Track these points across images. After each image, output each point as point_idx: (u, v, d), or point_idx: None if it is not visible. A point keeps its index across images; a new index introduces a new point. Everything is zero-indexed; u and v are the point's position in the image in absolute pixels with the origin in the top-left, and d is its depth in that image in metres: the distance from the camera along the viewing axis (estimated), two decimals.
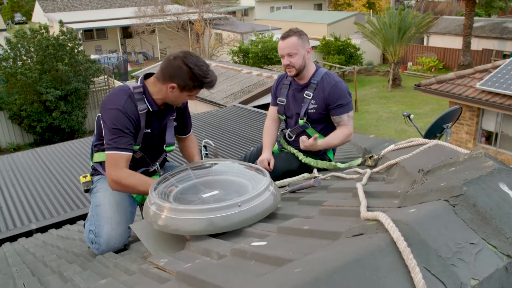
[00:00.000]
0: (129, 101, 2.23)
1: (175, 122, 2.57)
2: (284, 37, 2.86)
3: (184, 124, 2.68)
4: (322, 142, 2.78)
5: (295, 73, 2.87)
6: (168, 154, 2.78)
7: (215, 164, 1.97)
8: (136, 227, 1.78)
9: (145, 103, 2.29)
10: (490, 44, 21.66)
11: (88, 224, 2.39)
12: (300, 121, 2.95)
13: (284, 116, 3.11)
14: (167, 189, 1.88)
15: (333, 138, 2.84)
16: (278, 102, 3.12)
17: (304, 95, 2.93)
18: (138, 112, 2.27)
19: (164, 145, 2.51)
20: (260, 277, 0.91)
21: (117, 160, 2.22)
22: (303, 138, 2.71)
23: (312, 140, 2.67)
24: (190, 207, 1.66)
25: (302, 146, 2.72)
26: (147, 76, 2.37)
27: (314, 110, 2.90)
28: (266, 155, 2.98)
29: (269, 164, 2.95)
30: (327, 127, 2.98)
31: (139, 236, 1.75)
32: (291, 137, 3.07)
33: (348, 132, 2.86)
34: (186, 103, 2.62)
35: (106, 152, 2.24)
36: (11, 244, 3.62)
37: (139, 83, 2.32)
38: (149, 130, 2.37)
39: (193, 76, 2.19)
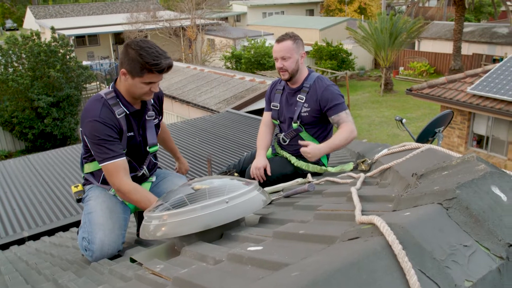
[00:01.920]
0: (104, 109, 2.21)
1: (156, 120, 2.54)
2: (279, 40, 2.89)
3: (161, 118, 2.67)
4: (324, 145, 2.73)
5: (288, 76, 2.90)
6: (158, 160, 2.77)
7: (209, 184, 1.98)
8: (139, 257, 1.80)
9: (121, 107, 2.27)
10: (480, 48, 21.92)
11: (81, 231, 2.38)
12: (294, 125, 2.96)
13: (278, 121, 3.13)
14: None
15: (335, 138, 2.78)
16: (272, 107, 3.13)
17: (297, 99, 2.95)
18: (117, 117, 2.25)
19: (147, 146, 2.49)
20: (257, 282, 0.92)
21: (114, 170, 2.21)
22: (304, 150, 2.68)
23: (311, 148, 2.63)
24: (182, 209, 1.69)
25: (308, 158, 2.68)
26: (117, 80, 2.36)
27: (307, 114, 2.92)
28: (262, 161, 2.98)
29: (265, 170, 2.95)
30: (320, 131, 2.99)
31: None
32: (285, 141, 3.07)
33: (350, 128, 2.80)
34: (162, 97, 2.60)
35: (100, 165, 2.24)
36: (3, 252, 3.58)
37: (110, 88, 2.31)
38: (132, 133, 2.36)
39: (140, 58, 2.12)
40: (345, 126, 2.82)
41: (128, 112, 2.30)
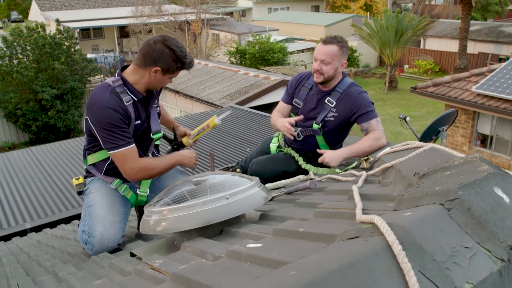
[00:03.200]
0: (112, 96, 2.23)
1: (158, 108, 2.57)
2: (326, 42, 2.75)
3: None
4: (345, 150, 2.62)
5: (322, 80, 2.79)
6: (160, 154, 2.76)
7: (211, 179, 1.97)
8: (139, 252, 1.80)
9: (129, 94, 2.29)
10: (486, 47, 21.77)
11: (81, 224, 2.38)
12: (315, 126, 2.88)
13: (296, 116, 3.01)
14: None
15: (359, 143, 2.67)
16: (294, 103, 3.02)
17: (326, 101, 2.85)
18: (125, 104, 2.26)
19: (151, 133, 2.49)
20: (255, 280, 0.91)
21: (130, 156, 2.24)
22: (323, 159, 2.63)
23: (328, 154, 2.57)
24: (182, 205, 1.68)
25: (330, 164, 2.62)
26: (124, 68, 2.36)
27: (333, 119, 2.84)
28: (285, 119, 2.84)
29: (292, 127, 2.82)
30: (336, 138, 2.93)
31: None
32: (299, 136, 2.98)
33: (377, 135, 2.70)
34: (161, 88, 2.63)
35: (113, 152, 2.23)
36: (5, 243, 3.60)
37: (117, 76, 2.32)
38: (139, 121, 2.37)
39: (176, 58, 2.23)
40: (373, 134, 2.72)
41: (136, 99, 2.32)
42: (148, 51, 2.22)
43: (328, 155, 2.63)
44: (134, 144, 2.28)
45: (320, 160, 2.67)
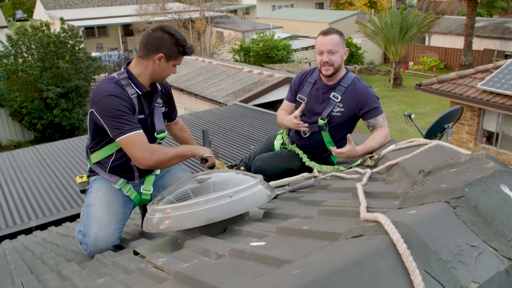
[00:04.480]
0: (117, 87, 2.23)
1: (163, 108, 2.56)
2: (325, 33, 2.79)
3: (170, 110, 2.70)
4: (361, 147, 2.62)
5: (332, 72, 2.79)
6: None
7: (214, 177, 1.96)
8: (142, 250, 1.79)
9: (133, 88, 2.29)
10: (491, 44, 21.62)
11: (79, 224, 2.37)
12: (320, 121, 2.88)
13: (301, 113, 3.01)
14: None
15: (372, 141, 2.68)
16: (297, 99, 3.03)
17: (331, 96, 2.86)
18: (130, 96, 2.26)
19: (155, 133, 2.48)
20: (257, 279, 0.90)
21: (138, 140, 2.20)
22: (340, 151, 2.61)
23: (348, 146, 2.55)
24: (186, 203, 1.68)
25: (339, 157, 2.61)
26: (129, 63, 2.37)
27: (339, 114, 2.84)
28: (290, 116, 2.91)
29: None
30: (342, 134, 2.92)
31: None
32: (305, 134, 2.98)
33: (385, 132, 2.74)
34: (170, 89, 2.64)
35: (120, 137, 2.18)
36: (11, 241, 3.61)
37: (122, 70, 2.33)
38: (142, 116, 2.37)
39: (177, 42, 2.26)
40: (381, 131, 2.75)
41: (140, 93, 2.32)
42: (149, 39, 2.25)
43: (348, 148, 2.60)
44: (142, 130, 2.24)
45: (337, 151, 2.64)
